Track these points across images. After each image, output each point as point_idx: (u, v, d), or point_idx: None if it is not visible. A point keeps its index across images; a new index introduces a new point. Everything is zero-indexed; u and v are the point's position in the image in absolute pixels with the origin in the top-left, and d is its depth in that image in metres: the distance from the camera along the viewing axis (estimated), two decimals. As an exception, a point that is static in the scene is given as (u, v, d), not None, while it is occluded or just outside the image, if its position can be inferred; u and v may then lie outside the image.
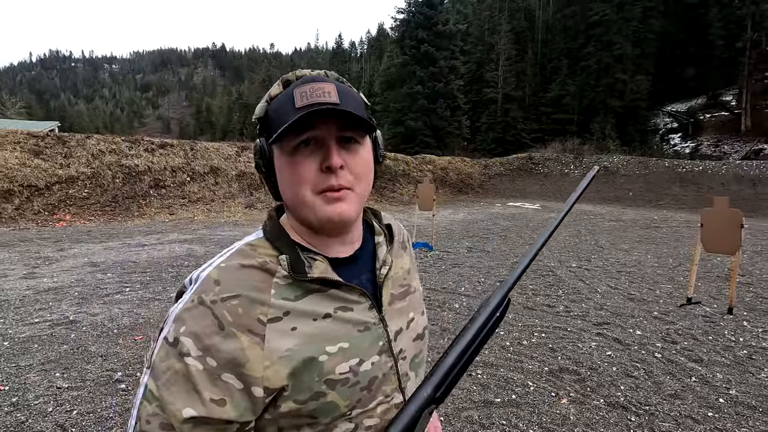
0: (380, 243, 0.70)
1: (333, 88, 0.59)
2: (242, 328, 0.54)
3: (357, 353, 0.60)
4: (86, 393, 2.78)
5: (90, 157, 12.11)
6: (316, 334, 0.58)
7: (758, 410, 2.71)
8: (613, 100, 30.79)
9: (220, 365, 0.53)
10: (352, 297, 0.62)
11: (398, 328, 0.67)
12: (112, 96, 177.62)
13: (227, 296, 0.55)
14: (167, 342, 0.54)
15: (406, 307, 0.70)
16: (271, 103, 0.62)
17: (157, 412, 0.52)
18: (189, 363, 0.52)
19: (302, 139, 0.58)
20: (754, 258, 7.37)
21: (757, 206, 14.96)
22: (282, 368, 0.55)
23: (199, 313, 0.54)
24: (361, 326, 0.61)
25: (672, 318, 4.38)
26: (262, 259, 0.60)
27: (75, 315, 4.19)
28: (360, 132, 0.61)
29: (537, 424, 2.54)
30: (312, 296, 0.59)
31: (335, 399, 0.58)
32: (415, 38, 30.51)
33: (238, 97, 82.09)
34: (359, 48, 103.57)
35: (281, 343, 0.55)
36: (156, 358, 0.54)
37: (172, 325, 0.55)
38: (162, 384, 0.52)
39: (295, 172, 0.59)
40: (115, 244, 7.85)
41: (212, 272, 0.57)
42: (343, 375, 0.58)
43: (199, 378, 0.52)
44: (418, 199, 8.34)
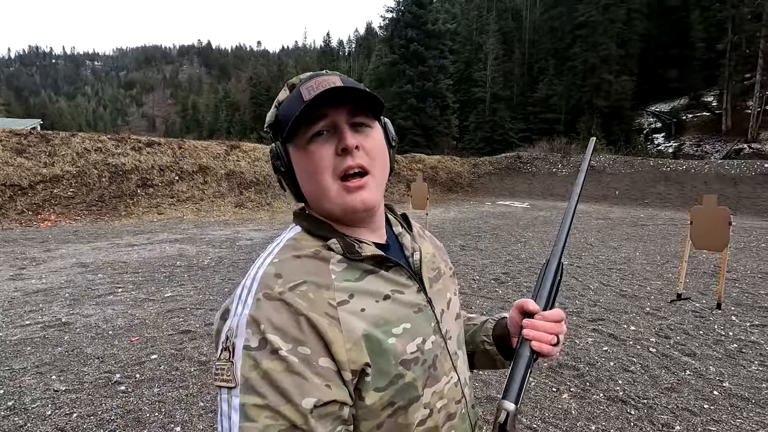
0: (402, 233, 0.72)
1: (337, 79, 0.62)
2: (318, 312, 0.54)
3: (419, 332, 0.61)
4: (85, 395, 2.73)
5: (75, 155, 11.84)
6: (383, 316, 0.58)
7: (751, 402, 2.79)
8: (599, 100, 31.26)
9: (313, 351, 0.52)
10: (401, 280, 0.63)
11: (441, 309, 0.69)
12: (95, 93, 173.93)
13: (294, 284, 0.55)
14: (250, 349, 0.51)
15: (442, 289, 0.72)
16: (279, 107, 0.64)
17: (269, 423, 0.49)
18: (284, 356, 0.50)
19: (315, 131, 0.59)
20: (737, 255, 7.57)
21: (739, 204, 15.36)
22: (362, 349, 0.55)
23: (273, 308, 0.53)
24: (415, 308, 0.63)
25: (664, 313, 4.49)
26: (312, 249, 0.60)
27: (67, 317, 4.10)
28: (370, 116, 0.63)
29: (540, 419, 2.58)
30: (369, 278, 0.60)
31: (412, 379, 0.58)
32: (405, 37, 30.52)
33: (225, 95, 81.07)
34: (347, 46, 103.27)
35: (355, 324, 0.55)
36: (242, 371, 0.51)
37: (247, 332, 0.52)
38: (266, 390, 0.50)
39: (312, 161, 0.60)
40: (104, 245, 7.70)
41: (268, 269, 0.57)
42: (413, 354, 0.59)
43: (301, 368, 0.51)
44: (411, 198, 8.36)
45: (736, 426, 2.53)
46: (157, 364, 3.19)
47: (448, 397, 0.64)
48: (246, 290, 0.56)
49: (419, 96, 30.22)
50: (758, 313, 4.55)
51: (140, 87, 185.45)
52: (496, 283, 5.58)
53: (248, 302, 0.54)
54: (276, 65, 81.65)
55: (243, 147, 15.64)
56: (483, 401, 2.76)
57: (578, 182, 0.76)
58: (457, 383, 0.67)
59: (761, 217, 14.09)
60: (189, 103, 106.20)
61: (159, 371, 3.08)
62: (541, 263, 6.75)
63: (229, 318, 0.55)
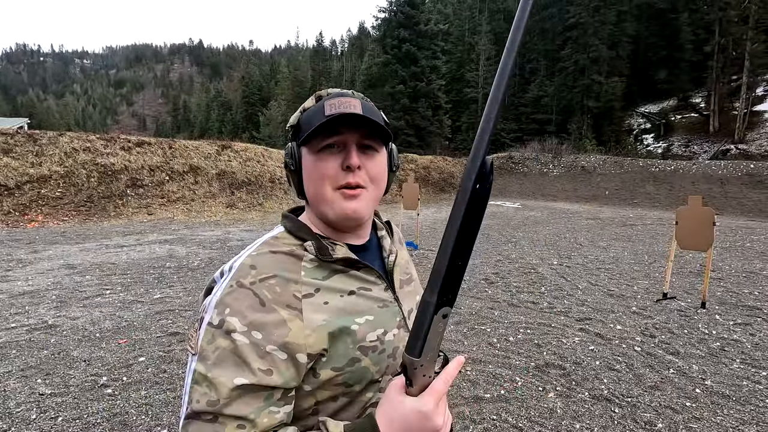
0: (384, 236, 0.80)
1: (358, 103, 0.68)
2: (281, 304, 0.61)
3: (381, 324, 0.68)
4: (71, 399, 2.71)
5: (63, 155, 11.69)
6: (346, 308, 0.65)
7: (732, 399, 2.85)
8: (589, 100, 31.57)
9: (264, 338, 0.58)
10: (370, 278, 0.70)
11: (410, 308, 0.76)
12: (84, 92, 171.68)
13: (264, 277, 0.62)
14: (212, 326, 0.59)
15: (412, 291, 0.79)
16: (304, 113, 0.71)
17: (205, 391, 0.56)
18: (236, 338, 0.57)
19: (328, 143, 0.66)
20: (723, 254, 7.70)
21: (725, 204, 15.61)
22: (321, 334, 0.61)
23: (241, 295, 0.60)
24: (380, 303, 0.70)
25: (649, 313, 4.55)
26: (289, 247, 0.68)
27: (54, 319, 4.06)
28: (379, 141, 0.70)
29: (526, 418, 2.61)
30: (337, 276, 0.67)
31: (368, 365, 0.65)
32: (397, 37, 30.54)
33: (217, 95, 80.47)
34: (340, 46, 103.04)
35: (317, 315, 0.62)
36: (202, 342, 0.59)
37: (214, 311, 0.60)
38: (211, 363, 0.57)
39: (318, 169, 0.67)
40: (92, 246, 7.62)
41: (246, 260, 0.65)
42: (372, 342, 0.66)
43: (247, 351, 0.57)
44: (403, 198, 8.38)
45: (717, 423, 2.58)
46: (144, 366, 3.18)
47: None
48: (224, 276, 0.64)
49: (412, 96, 30.27)
50: (741, 311, 4.63)
51: (130, 86, 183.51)
52: (486, 284, 5.62)
53: (223, 286, 0.62)
54: (268, 65, 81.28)
55: (234, 147, 15.55)
56: (470, 401, 2.79)
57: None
58: None
59: (747, 216, 14.33)
60: (180, 103, 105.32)
61: (146, 374, 3.06)
62: (531, 263, 6.83)
63: (210, 296, 0.64)
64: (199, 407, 0.56)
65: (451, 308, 0.51)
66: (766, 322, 4.33)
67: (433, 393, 0.53)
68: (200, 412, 0.56)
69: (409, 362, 0.51)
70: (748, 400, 2.85)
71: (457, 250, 0.48)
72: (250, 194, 14.19)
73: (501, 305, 4.73)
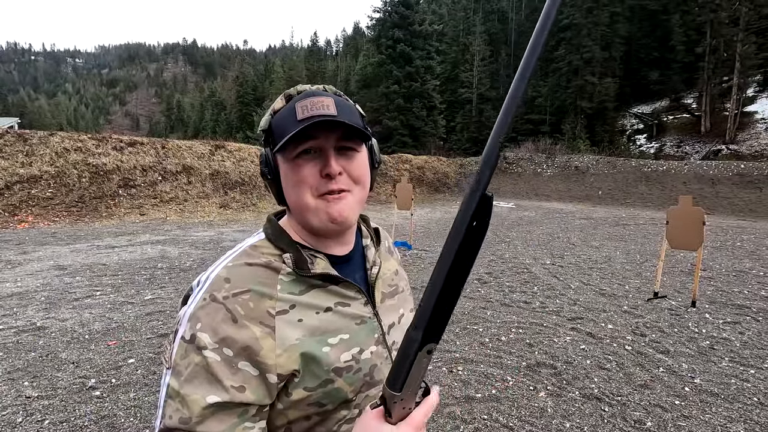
0: (368, 246, 0.76)
1: (332, 102, 0.64)
2: (254, 320, 0.59)
3: (357, 343, 0.66)
4: (58, 402, 2.68)
5: (54, 155, 11.57)
6: (320, 327, 0.63)
7: (720, 397, 2.88)
8: (582, 101, 31.73)
9: (236, 354, 0.57)
10: (349, 293, 0.67)
11: (391, 323, 0.73)
12: (76, 91, 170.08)
13: (238, 291, 0.60)
14: (184, 340, 0.58)
15: (395, 304, 0.76)
16: (274, 116, 0.67)
17: (178, 407, 0.55)
18: (207, 356, 0.56)
19: (303, 149, 0.63)
20: (714, 253, 7.77)
21: (716, 204, 15.77)
22: (292, 356, 0.60)
23: (213, 309, 0.58)
24: (358, 320, 0.67)
25: (640, 312, 4.58)
26: (267, 258, 0.65)
27: (42, 321, 4.01)
28: (357, 141, 0.66)
29: (516, 417, 2.61)
30: (314, 291, 0.65)
31: (342, 386, 0.63)
32: (392, 38, 30.57)
33: (211, 94, 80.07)
34: (335, 46, 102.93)
35: (290, 333, 0.60)
36: (176, 357, 0.58)
37: (187, 324, 0.59)
38: (184, 379, 0.56)
39: (297, 175, 0.64)
40: (83, 246, 7.55)
41: (221, 272, 0.62)
42: (347, 363, 0.64)
43: (218, 368, 0.56)
44: (397, 199, 8.38)
45: (705, 421, 2.60)
46: (134, 368, 3.15)
47: None
48: (200, 287, 0.62)
49: (406, 96, 30.29)
50: (731, 310, 4.68)
51: (123, 85, 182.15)
52: (479, 283, 5.63)
53: (197, 298, 0.60)
54: (263, 64, 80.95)
55: (228, 147, 15.47)
56: (461, 401, 2.79)
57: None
58: None
59: (737, 216, 14.48)
60: (174, 102, 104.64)
61: (136, 375, 3.04)
62: (524, 263, 6.85)
63: (185, 307, 0.62)
64: (171, 423, 0.55)
65: (437, 344, 0.49)
66: (755, 320, 4.37)
67: (412, 423, 0.52)
68: (173, 428, 0.55)
69: (389, 395, 0.51)
70: (736, 398, 2.87)
71: (446, 288, 0.46)
72: (243, 194, 14.13)
73: (493, 305, 4.74)
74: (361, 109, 0.71)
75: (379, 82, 31.37)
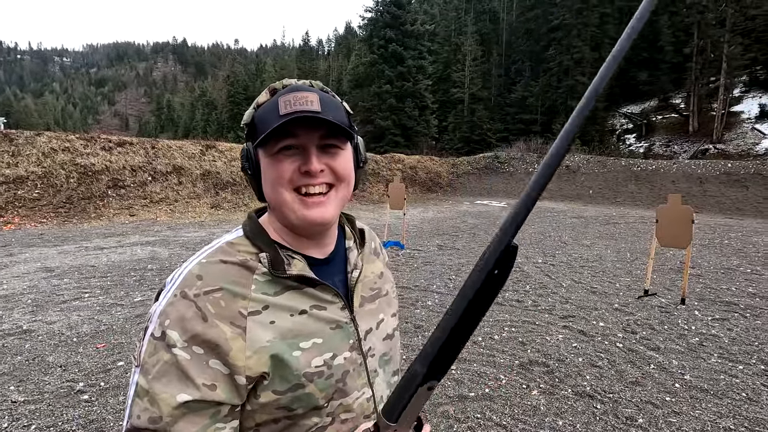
0: (351, 248, 0.74)
1: (316, 98, 0.63)
2: (225, 320, 0.57)
3: (330, 348, 0.64)
4: (45, 406, 2.63)
5: (41, 155, 11.39)
6: (293, 329, 0.61)
7: (710, 393, 2.91)
8: (573, 101, 31.98)
9: (206, 352, 0.56)
10: (326, 297, 0.66)
11: (368, 328, 0.71)
12: (64, 91, 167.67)
13: (209, 290, 0.58)
14: (154, 337, 0.56)
15: (375, 309, 0.74)
16: (258, 110, 0.66)
17: (146, 407, 0.54)
18: (177, 353, 0.55)
19: (285, 144, 0.62)
20: (702, 251, 7.87)
21: (704, 203, 15.99)
22: (262, 358, 0.58)
23: (183, 306, 0.57)
24: (333, 324, 0.65)
25: (631, 309, 4.63)
26: (243, 256, 0.63)
27: (29, 324, 3.94)
28: (341, 139, 0.65)
29: (509, 416, 2.62)
30: (289, 293, 0.63)
31: (313, 391, 0.61)
32: (383, 37, 30.53)
33: (202, 94, 79.35)
34: (327, 46, 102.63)
35: (261, 335, 0.59)
36: (144, 354, 0.56)
37: (156, 321, 0.57)
38: (152, 377, 0.54)
39: (275, 172, 0.62)
40: (71, 248, 7.43)
41: (194, 268, 0.61)
42: (318, 368, 0.62)
43: (189, 365, 0.55)
44: (389, 198, 8.37)
45: (695, 417, 2.63)
46: (123, 371, 3.10)
47: (357, 412, 0.66)
48: (171, 283, 0.60)
49: (398, 96, 30.29)
50: (719, 307, 4.74)
51: (112, 85, 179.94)
52: (471, 282, 5.64)
53: (167, 295, 0.59)
54: (254, 64, 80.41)
55: (219, 147, 15.35)
56: (455, 399, 2.79)
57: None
58: (370, 399, 0.69)
59: (725, 214, 14.70)
60: (164, 102, 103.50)
61: (125, 378, 2.99)
62: (516, 262, 6.83)
63: (156, 303, 0.60)
64: (139, 423, 0.53)
65: (439, 382, 0.49)
66: (743, 317, 4.43)
67: None
68: (141, 428, 0.53)
69: (384, 425, 0.50)
70: (725, 393, 2.91)
71: (457, 331, 0.46)
72: (235, 194, 14.02)
73: (486, 304, 4.75)
74: (348, 107, 0.69)
75: (371, 81, 31.31)
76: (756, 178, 16.54)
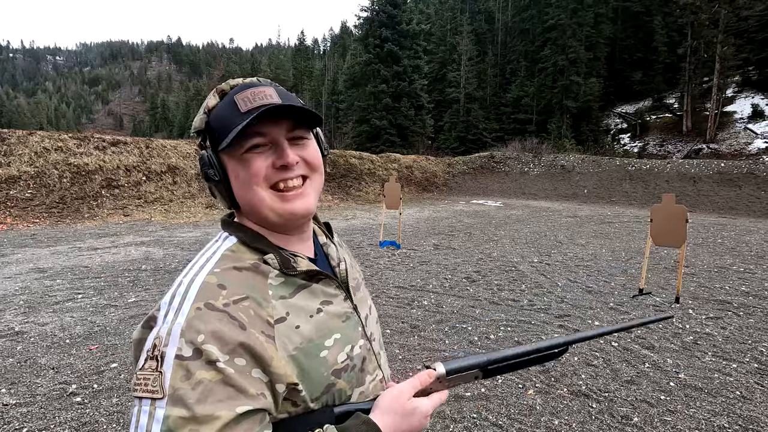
0: (326, 243, 0.75)
1: (273, 91, 0.62)
2: (257, 329, 0.55)
3: (348, 340, 0.65)
4: (37, 409, 2.60)
5: (33, 155, 11.28)
6: (316, 330, 0.61)
7: (704, 391, 2.93)
8: (568, 101, 32.14)
9: (248, 363, 0.53)
10: (330, 290, 0.66)
11: (365, 314, 0.74)
12: (57, 90, 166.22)
13: (238, 298, 0.56)
14: (182, 359, 0.50)
15: (364, 296, 0.77)
16: (210, 114, 0.63)
17: None
18: (221, 368, 0.50)
19: (253, 143, 0.60)
20: (696, 250, 7.93)
21: (697, 202, 16.10)
22: (294, 366, 0.57)
23: (216, 318, 0.53)
24: (343, 317, 0.67)
25: (626, 308, 4.65)
26: (251, 262, 0.61)
27: (21, 325, 3.90)
28: (305, 129, 0.65)
29: (506, 415, 2.62)
30: (301, 293, 0.63)
31: (343, 386, 0.63)
32: (379, 37, 30.51)
33: (197, 93, 79.00)
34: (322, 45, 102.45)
35: (290, 341, 0.58)
36: (172, 382, 0.49)
37: (180, 341, 0.51)
38: (195, 402, 0.48)
39: (248, 171, 0.60)
40: (64, 249, 7.36)
41: (209, 278, 0.57)
42: (344, 363, 0.63)
43: (237, 379, 0.51)
44: (385, 198, 8.37)
45: (690, 415, 2.64)
46: (117, 372, 3.07)
47: (373, 394, 0.68)
48: (179, 298, 0.55)
49: (394, 96, 30.28)
50: (713, 306, 4.77)
51: (106, 84, 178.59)
52: (467, 282, 5.65)
53: (183, 310, 0.53)
54: (249, 63, 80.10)
55: (214, 146, 15.27)
56: (451, 400, 2.78)
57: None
58: (382, 380, 0.72)
59: (718, 213, 14.82)
60: (158, 101, 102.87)
61: (119, 380, 2.96)
62: (512, 261, 6.89)
63: (156, 326, 0.54)
64: None
65: (485, 379, 0.71)
66: (737, 315, 4.47)
67: (434, 402, 0.64)
68: None
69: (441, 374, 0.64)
70: (719, 391, 2.92)
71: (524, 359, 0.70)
72: (230, 194, 13.95)
73: (482, 303, 4.76)
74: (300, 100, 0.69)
75: (367, 81, 31.27)
76: (748, 178, 16.69)
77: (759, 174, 16.66)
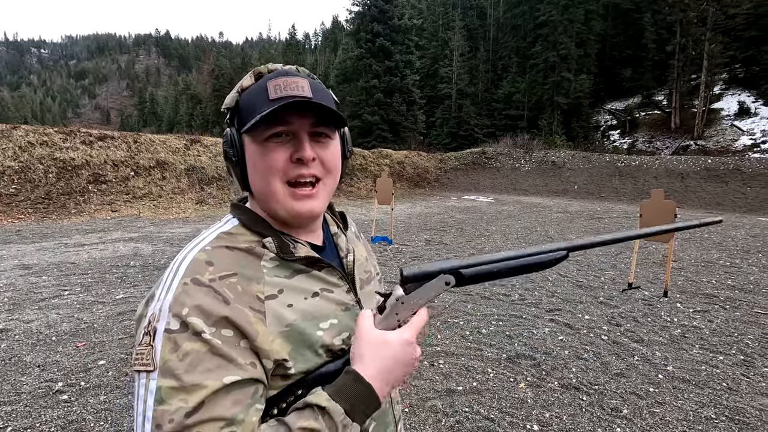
0: (337, 233, 0.75)
1: (306, 84, 0.62)
2: (245, 304, 0.55)
3: (346, 328, 0.64)
4: (22, 407, 2.55)
5: (17, 149, 11.04)
6: (310, 311, 0.61)
7: (692, 383, 2.97)
8: (559, 97, 32.33)
9: (235, 335, 0.53)
10: (332, 279, 0.66)
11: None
12: (42, 83, 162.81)
13: (225, 274, 0.56)
14: (170, 332, 0.51)
15: (372, 290, 0.75)
16: (242, 93, 0.63)
17: (180, 406, 0.48)
18: (207, 339, 0.51)
19: (275, 131, 0.59)
20: (684, 245, 8.04)
21: (685, 198, 16.33)
22: (285, 342, 0.57)
23: (201, 293, 0.53)
24: (343, 306, 0.66)
25: (616, 302, 4.70)
26: (247, 244, 0.61)
27: (5, 323, 3.81)
28: (331, 127, 0.64)
29: (497, 409, 2.63)
30: (299, 276, 0.62)
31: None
32: (371, 32, 30.32)
33: (186, 88, 77.90)
34: (313, 40, 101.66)
35: (281, 318, 0.57)
36: (162, 354, 0.50)
37: (168, 315, 0.52)
38: (184, 372, 0.49)
39: (265, 160, 0.60)
40: (50, 245, 7.23)
41: (199, 255, 0.57)
42: (338, 346, 0.62)
43: (224, 349, 0.51)
44: (377, 193, 8.34)
45: (678, 407, 2.67)
46: (104, 370, 3.02)
47: None
48: (171, 274, 0.56)
49: (386, 91, 30.18)
50: (700, 299, 4.84)
51: (93, 77, 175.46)
52: (459, 277, 5.65)
53: (173, 286, 0.54)
54: (239, 57, 79.15)
55: (204, 141, 15.09)
56: (443, 394, 2.79)
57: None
58: None
59: (705, 209, 15.05)
60: (147, 96, 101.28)
61: (107, 378, 2.92)
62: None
63: (152, 303, 0.55)
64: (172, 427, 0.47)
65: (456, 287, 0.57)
66: (723, 308, 4.54)
67: (412, 325, 0.59)
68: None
69: (399, 295, 0.56)
70: (706, 383, 2.97)
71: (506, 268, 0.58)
72: (220, 190, 13.82)
73: (474, 298, 4.77)
74: (334, 96, 0.68)
75: (359, 76, 31.09)
76: (735, 174, 16.96)
77: (745, 170, 16.94)
